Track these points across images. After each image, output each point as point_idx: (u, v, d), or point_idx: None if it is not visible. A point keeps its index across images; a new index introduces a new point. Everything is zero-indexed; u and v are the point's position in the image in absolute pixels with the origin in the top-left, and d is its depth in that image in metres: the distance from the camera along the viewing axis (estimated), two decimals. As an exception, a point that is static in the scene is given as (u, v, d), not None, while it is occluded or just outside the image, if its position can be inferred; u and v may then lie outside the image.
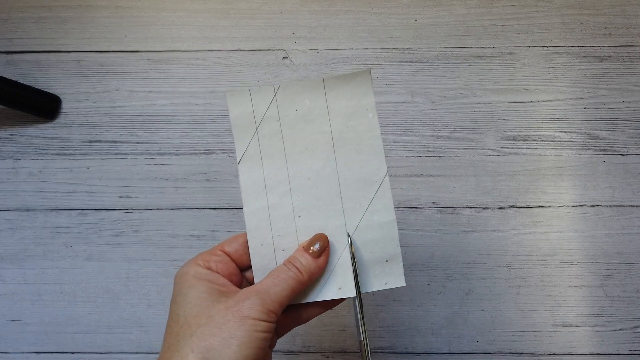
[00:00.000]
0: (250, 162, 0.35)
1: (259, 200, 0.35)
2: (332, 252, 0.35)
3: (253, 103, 0.35)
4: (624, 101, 0.55)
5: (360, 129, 0.35)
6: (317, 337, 0.52)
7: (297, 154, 0.35)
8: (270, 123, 0.35)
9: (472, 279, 0.52)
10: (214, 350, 0.29)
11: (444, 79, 0.56)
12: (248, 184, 0.35)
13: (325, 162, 0.35)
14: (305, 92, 0.35)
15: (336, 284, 0.35)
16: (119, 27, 0.58)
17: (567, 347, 0.51)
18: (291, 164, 0.35)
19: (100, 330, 0.52)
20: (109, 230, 0.54)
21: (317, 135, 0.35)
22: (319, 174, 0.35)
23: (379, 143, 0.35)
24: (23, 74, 0.57)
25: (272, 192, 0.35)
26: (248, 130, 0.35)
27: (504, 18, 0.57)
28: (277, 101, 0.35)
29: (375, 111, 0.35)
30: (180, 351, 0.29)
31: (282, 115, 0.35)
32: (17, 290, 0.53)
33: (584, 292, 0.52)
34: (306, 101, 0.35)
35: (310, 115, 0.35)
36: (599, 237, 0.53)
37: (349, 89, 0.35)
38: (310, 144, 0.35)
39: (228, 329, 0.29)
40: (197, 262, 0.33)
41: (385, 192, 0.35)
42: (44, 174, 0.55)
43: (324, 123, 0.35)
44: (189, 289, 0.32)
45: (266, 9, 0.58)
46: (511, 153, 0.54)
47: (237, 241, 0.35)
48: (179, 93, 0.56)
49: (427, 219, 0.53)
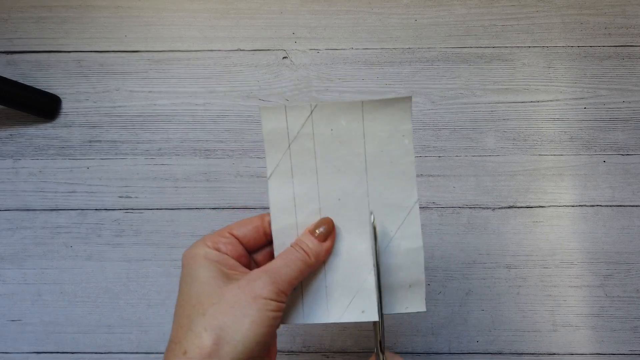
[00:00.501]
0: (281, 179, 0.35)
1: (287, 218, 0.35)
2: (358, 273, 0.35)
3: (288, 120, 0.35)
4: (624, 101, 0.55)
5: (395, 154, 0.35)
6: (317, 337, 0.52)
7: (329, 174, 0.35)
8: (304, 140, 0.35)
9: (472, 279, 0.52)
10: (227, 328, 0.29)
11: (444, 79, 0.56)
12: (277, 200, 0.35)
13: (356, 185, 0.35)
14: (342, 112, 0.34)
15: (359, 307, 0.35)
16: (119, 27, 0.58)
17: (567, 347, 0.51)
18: (322, 184, 0.35)
19: (100, 330, 0.52)
20: (109, 230, 0.54)
21: (350, 156, 0.35)
22: (350, 196, 0.35)
23: (412, 170, 0.35)
24: (23, 74, 0.57)
25: (302, 210, 0.35)
26: (280, 146, 0.35)
27: (504, 18, 0.57)
28: (312, 119, 0.35)
29: (411, 138, 0.35)
30: (194, 330, 0.30)
31: (317, 133, 0.35)
32: (17, 290, 0.53)
33: (584, 292, 0.52)
34: (342, 122, 0.35)
35: (345, 136, 0.35)
36: (599, 237, 0.53)
37: (387, 113, 0.35)
38: (343, 165, 0.35)
39: (240, 307, 0.30)
40: (205, 243, 0.33)
41: (414, 219, 0.35)
42: (44, 174, 0.55)
43: (358, 145, 0.35)
44: (199, 268, 0.32)
45: (266, 9, 0.58)
46: (511, 153, 0.54)
47: (245, 225, 0.35)
48: (179, 93, 0.56)
49: (427, 219, 0.53)
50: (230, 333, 0.29)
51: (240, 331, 0.29)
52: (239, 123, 0.55)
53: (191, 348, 0.29)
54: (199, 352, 0.29)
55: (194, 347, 0.29)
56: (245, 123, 0.55)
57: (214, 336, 0.29)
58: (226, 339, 0.29)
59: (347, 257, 0.35)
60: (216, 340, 0.29)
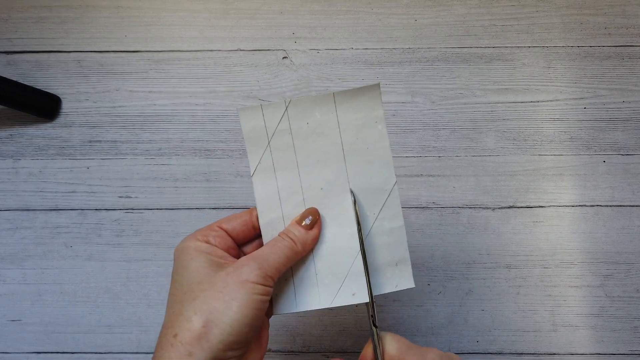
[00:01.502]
0: (264, 174, 0.36)
1: (274, 211, 0.36)
2: (345, 257, 0.36)
3: (265, 117, 0.36)
4: (624, 101, 0.55)
5: (370, 141, 0.36)
6: (317, 337, 0.52)
7: (310, 166, 0.36)
8: (283, 136, 0.36)
9: (472, 279, 0.52)
10: (216, 311, 0.31)
11: (444, 79, 0.56)
12: (262, 196, 0.36)
13: (337, 173, 0.36)
14: (315, 105, 0.36)
15: (350, 290, 0.36)
16: (119, 27, 0.58)
17: (567, 347, 0.51)
18: (304, 175, 0.36)
19: (100, 330, 0.52)
20: (109, 230, 0.54)
21: (328, 147, 0.36)
22: (331, 185, 0.36)
23: (388, 154, 0.36)
24: (23, 74, 0.57)
25: (287, 202, 0.36)
26: (261, 144, 0.36)
27: (504, 18, 0.57)
28: (288, 115, 0.36)
29: (384, 123, 0.36)
30: (184, 314, 0.31)
31: (294, 128, 0.36)
32: (17, 290, 0.53)
33: (584, 292, 0.52)
34: (317, 114, 0.36)
35: (321, 127, 0.36)
36: (599, 237, 0.53)
37: (358, 102, 0.36)
38: (322, 155, 0.36)
39: (229, 292, 0.31)
40: (196, 237, 0.35)
41: (394, 200, 0.36)
42: (44, 174, 0.55)
43: (334, 135, 0.36)
44: (191, 260, 0.33)
45: (266, 9, 0.58)
46: (511, 153, 0.54)
47: (235, 219, 0.36)
48: (179, 93, 0.56)
49: (427, 219, 0.53)
50: (219, 316, 0.31)
51: (229, 314, 0.31)
52: (239, 123, 0.55)
53: (181, 331, 0.31)
54: (189, 335, 0.30)
55: (184, 330, 0.31)
56: (245, 123, 0.55)
57: (204, 319, 0.30)
58: (215, 322, 0.30)
59: (334, 243, 0.36)
60: (205, 323, 0.30)
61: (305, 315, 0.52)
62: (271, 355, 0.51)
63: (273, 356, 0.51)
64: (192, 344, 0.30)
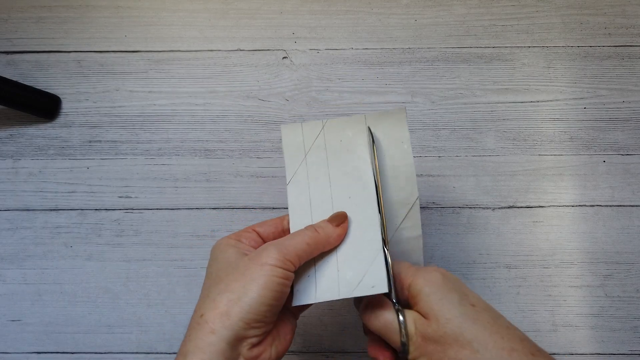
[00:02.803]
0: (298, 185, 0.40)
1: (304, 218, 0.39)
2: (368, 254, 0.38)
3: (304, 134, 0.40)
4: (624, 101, 0.55)
5: (396, 158, 0.39)
6: (317, 337, 0.52)
7: (340, 178, 0.40)
8: (318, 151, 0.40)
9: (472, 279, 0.52)
10: (237, 291, 0.33)
11: (443, 79, 0.56)
12: (295, 203, 0.40)
13: (364, 186, 0.39)
14: (348, 125, 0.40)
15: (370, 284, 0.37)
16: (119, 27, 0.58)
17: (567, 347, 0.51)
18: (334, 186, 0.40)
19: (100, 330, 0.52)
20: (109, 230, 0.54)
21: (358, 162, 0.40)
22: (359, 195, 0.39)
23: (412, 170, 0.39)
24: (23, 74, 0.57)
25: (317, 210, 0.39)
26: (298, 157, 0.40)
27: (504, 18, 0.57)
28: (324, 133, 0.40)
29: (409, 143, 0.39)
30: (210, 296, 0.34)
31: (328, 145, 0.40)
32: (17, 290, 0.53)
33: (584, 292, 0.52)
34: (349, 133, 0.40)
35: (352, 145, 0.40)
36: (599, 237, 0.53)
37: (386, 123, 0.40)
38: (352, 170, 0.40)
39: (249, 274, 0.34)
40: (229, 237, 0.38)
41: (415, 213, 0.40)
42: (44, 174, 0.55)
43: (364, 152, 0.40)
44: (220, 253, 0.36)
45: (266, 9, 0.58)
46: (511, 153, 0.54)
47: (266, 224, 0.39)
48: (179, 93, 0.56)
49: (427, 219, 0.53)
50: (240, 295, 0.33)
51: (248, 293, 0.33)
52: (239, 123, 0.55)
53: (207, 311, 0.33)
54: (212, 314, 0.33)
55: (209, 310, 0.33)
56: (245, 123, 0.55)
57: (226, 299, 0.33)
58: (235, 300, 0.33)
59: (358, 243, 0.38)
60: (227, 303, 0.33)
61: (306, 315, 0.52)
62: (271, 355, 0.51)
63: (273, 356, 0.51)
64: (214, 321, 0.32)
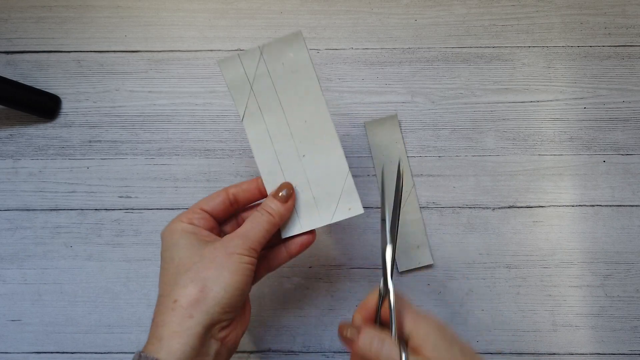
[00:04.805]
0: (252, 118, 0.40)
1: (267, 149, 0.40)
2: (338, 178, 0.40)
3: (244, 65, 0.40)
4: (624, 101, 0.55)
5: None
6: (317, 337, 0.52)
7: (292, 102, 0.40)
8: (263, 79, 0.40)
9: (472, 279, 0.52)
10: (209, 279, 0.35)
11: (444, 79, 0.56)
12: (254, 137, 0.40)
13: (316, 106, 0.40)
14: (287, 46, 0.39)
15: (346, 206, 0.40)
16: (119, 27, 0.58)
17: (567, 347, 0.51)
18: (288, 112, 0.40)
19: (100, 330, 0.52)
20: (109, 230, 0.54)
21: (305, 82, 0.40)
22: (314, 116, 0.40)
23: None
24: (23, 74, 0.57)
25: (277, 139, 0.40)
26: (244, 90, 0.40)
27: (504, 18, 0.57)
28: (264, 59, 0.39)
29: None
30: (180, 283, 0.35)
31: (271, 70, 0.40)
32: (17, 290, 0.53)
33: (584, 292, 0.52)
34: (290, 54, 0.39)
35: (295, 66, 0.39)
36: (599, 237, 0.53)
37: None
38: (301, 91, 0.40)
39: (219, 262, 0.35)
40: (180, 220, 0.38)
41: (413, 197, 0.43)
42: (44, 174, 0.55)
43: (309, 71, 0.39)
44: (179, 239, 0.37)
45: (266, 9, 0.58)
46: (511, 153, 0.54)
47: (213, 200, 0.40)
48: (179, 93, 0.56)
49: (427, 219, 0.53)
50: (213, 282, 0.35)
51: (221, 280, 0.35)
52: (239, 123, 0.55)
53: (180, 297, 0.34)
54: (187, 300, 0.34)
55: (183, 296, 0.34)
56: (245, 123, 0.55)
57: (199, 286, 0.34)
58: (210, 287, 0.35)
59: (326, 168, 0.40)
60: (202, 289, 0.34)
61: (306, 315, 0.52)
62: (271, 355, 0.51)
63: (273, 356, 0.51)
64: (191, 307, 0.34)
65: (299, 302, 0.52)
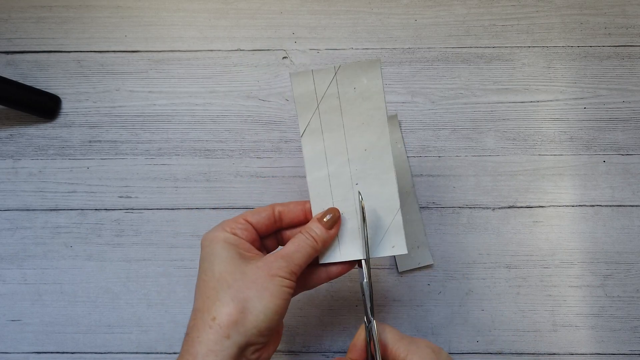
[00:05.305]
0: (312, 136, 0.39)
1: (320, 170, 0.39)
2: (387, 214, 0.39)
3: (315, 82, 0.39)
4: (624, 101, 0.55)
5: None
6: (317, 337, 0.52)
7: (355, 128, 0.39)
8: (331, 100, 0.39)
9: (472, 279, 0.52)
10: (250, 300, 0.34)
11: (444, 79, 0.56)
12: (310, 155, 0.39)
13: (379, 136, 0.39)
14: (363, 71, 0.39)
15: (390, 243, 0.39)
16: (119, 27, 0.58)
17: (567, 347, 0.51)
18: (349, 137, 0.39)
19: (100, 330, 0.52)
20: (109, 230, 0.54)
21: (372, 111, 0.39)
22: (374, 146, 0.39)
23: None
24: (23, 74, 0.57)
25: (332, 162, 0.39)
26: (310, 107, 0.39)
27: (504, 18, 0.57)
28: (337, 80, 0.39)
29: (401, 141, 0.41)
30: (221, 299, 0.34)
31: (342, 92, 0.39)
32: (17, 290, 0.53)
33: (584, 292, 0.52)
34: (364, 80, 0.39)
35: (367, 92, 0.39)
36: (599, 237, 0.53)
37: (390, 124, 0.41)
38: (367, 119, 0.39)
39: (261, 283, 0.35)
40: (224, 228, 0.37)
41: (413, 200, 0.43)
42: (44, 174, 0.55)
43: (379, 100, 0.39)
44: (221, 250, 0.36)
45: (266, 9, 0.58)
46: (511, 153, 0.54)
47: (259, 213, 0.39)
48: (179, 93, 0.56)
49: (427, 219, 0.53)
50: (253, 304, 0.34)
51: (262, 302, 0.34)
52: (239, 123, 0.55)
53: (220, 315, 0.34)
54: (227, 319, 0.33)
55: (223, 314, 0.34)
56: (245, 123, 0.55)
57: (240, 306, 0.34)
58: (250, 309, 0.34)
59: (377, 200, 0.39)
60: (242, 310, 0.34)
61: (306, 314, 0.52)
62: (271, 355, 0.51)
63: (273, 356, 0.51)
64: (229, 327, 0.33)
65: (299, 302, 0.52)
